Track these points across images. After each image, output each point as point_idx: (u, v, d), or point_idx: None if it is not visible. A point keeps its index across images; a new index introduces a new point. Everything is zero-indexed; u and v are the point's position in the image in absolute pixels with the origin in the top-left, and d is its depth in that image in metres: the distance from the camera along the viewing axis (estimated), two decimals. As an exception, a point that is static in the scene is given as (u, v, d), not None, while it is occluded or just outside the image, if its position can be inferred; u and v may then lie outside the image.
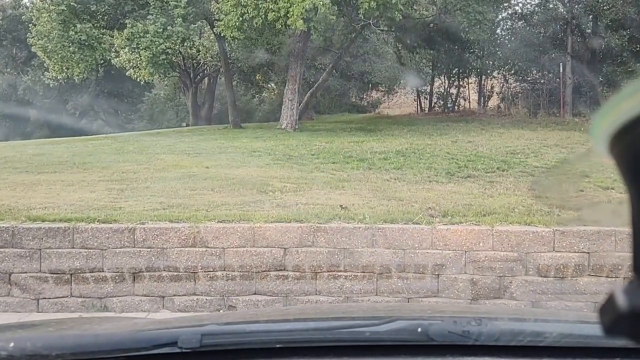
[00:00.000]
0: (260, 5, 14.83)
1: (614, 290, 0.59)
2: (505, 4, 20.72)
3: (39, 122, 30.21)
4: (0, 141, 19.44)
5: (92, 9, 18.00)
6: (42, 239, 6.06)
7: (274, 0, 14.81)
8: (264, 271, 6.08)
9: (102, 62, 20.35)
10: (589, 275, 6.02)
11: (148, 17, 16.73)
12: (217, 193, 7.87)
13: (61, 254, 6.04)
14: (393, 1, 14.89)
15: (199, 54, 23.62)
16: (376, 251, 6.08)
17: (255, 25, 15.57)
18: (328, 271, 6.08)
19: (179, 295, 6.10)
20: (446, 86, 25.24)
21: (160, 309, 6.08)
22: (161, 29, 16.37)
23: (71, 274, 6.04)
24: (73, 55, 18.06)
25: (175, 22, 16.61)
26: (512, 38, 23.24)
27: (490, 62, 23.12)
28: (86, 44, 17.77)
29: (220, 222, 6.29)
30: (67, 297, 6.05)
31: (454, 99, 25.11)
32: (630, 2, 19.40)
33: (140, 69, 18.87)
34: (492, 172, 9.84)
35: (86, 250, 6.05)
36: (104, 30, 18.35)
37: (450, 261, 6.05)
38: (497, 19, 21.40)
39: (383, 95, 30.60)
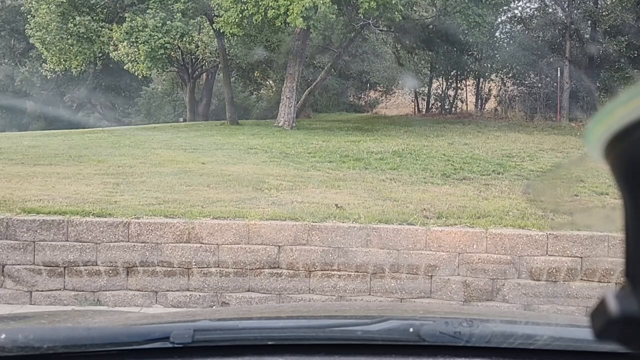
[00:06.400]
0: (260, 3, 14.81)
1: (606, 295, 0.60)
2: (505, 8, 20.75)
3: (35, 113, 30.10)
4: (-4, 132, 19.38)
5: (91, 2, 17.95)
6: (36, 231, 6.04)
7: (274, -2, 14.80)
8: (258, 268, 6.09)
9: (100, 55, 20.30)
10: (581, 279, 6.04)
11: (147, 11, 16.68)
12: (213, 189, 7.87)
13: (55, 246, 6.03)
14: (393, 2, 14.90)
15: (197, 50, 23.59)
16: (370, 251, 6.09)
17: (254, 22, 15.56)
18: (322, 270, 6.09)
19: (172, 291, 6.09)
20: (444, 88, 25.27)
21: (154, 303, 6.07)
22: (160, 24, 16.33)
23: (65, 267, 6.03)
24: (71, 47, 18.01)
25: (175, 17, 16.57)
26: (511, 41, 23.28)
27: (489, 65, 23.15)
28: (85, 36, 17.72)
29: (215, 218, 6.28)
30: (60, 290, 6.04)
31: (451, 101, 25.14)
32: (629, 8, 19.46)
33: (138, 63, 18.81)
34: (487, 174, 9.86)
35: (80, 244, 6.04)
36: (103, 23, 18.29)
37: (444, 262, 6.06)
38: (496, 22, 21.42)
39: (381, 95, 30.62)
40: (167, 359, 1.31)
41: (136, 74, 20.58)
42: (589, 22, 21.31)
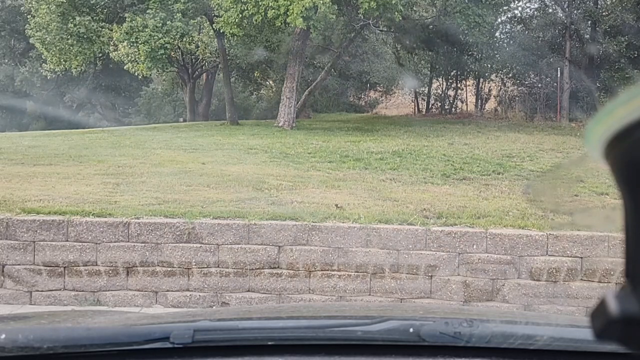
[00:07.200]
0: (260, 3, 14.82)
1: (606, 295, 0.60)
2: (505, 8, 20.75)
3: (35, 114, 30.10)
4: (-4, 132, 19.38)
5: (91, 2, 17.95)
6: (36, 231, 6.04)
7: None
8: (258, 268, 6.08)
9: (100, 55, 20.31)
10: (581, 279, 6.04)
11: (147, 11, 16.69)
12: (213, 189, 7.87)
13: (55, 246, 6.02)
14: (393, 2, 14.90)
15: (197, 50, 23.59)
16: (370, 251, 6.09)
17: (254, 23, 15.56)
18: (322, 270, 6.09)
19: (172, 291, 6.09)
20: (444, 88, 25.27)
21: (154, 304, 6.07)
22: (160, 24, 16.34)
23: (65, 267, 6.03)
24: (71, 47, 18.02)
25: (175, 17, 16.57)
26: (511, 42, 23.28)
27: (489, 65, 23.14)
28: (85, 37, 17.73)
29: (215, 218, 6.28)
30: (60, 290, 6.04)
31: (451, 101, 25.14)
32: (629, 8, 19.46)
33: (138, 63, 18.81)
34: (487, 175, 9.86)
35: (80, 244, 6.04)
36: (103, 23, 18.30)
37: (444, 262, 6.06)
38: (496, 22, 21.41)
39: (381, 95, 30.63)
40: (167, 359, 1.31)
41: (136, 74, 20.59)
42: (589, 22, 21.31)
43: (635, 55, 19.97)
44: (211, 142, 13.80)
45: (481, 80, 24.15)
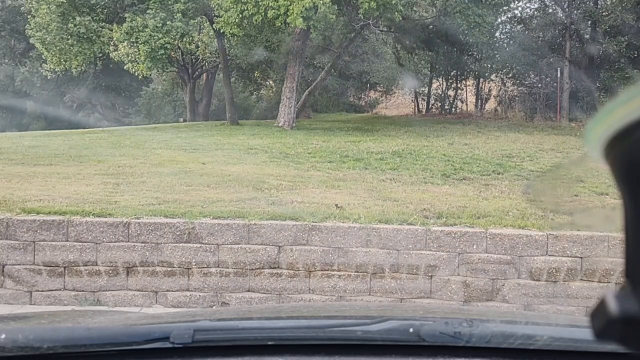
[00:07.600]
0: (260, 3, 14.82)
1: (606, 295, 0.60)
2: (505, 8, 20.75)
3: (35, 114, 30.10)
4: (-4, 132, 19.39)
5: (91, 2, 17.96)
6: (36, 231, 6.04)
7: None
8: (258, 268, 6.09)
9: (100, 55, 20.32)
10: (581, 279, 6.04)
11: (147, 11, 16.69)
12: (213, 189, 7.87)
13: (55, 246, 6.02)
14: (393, 2, 14.90)
15: (197, 50, 23.60)
16: (370, 251, 6.09)
17: (254, 23, 15.56)
18: (322, 270, 6.09)
19: (172, 291, 6.09)
20: (444, 88, 25.28)
21: (154, 304, 6.07)
22: (160, 24, 16.34)
23: (65, 267, 6.03)
24: (71, 48, 18.03)
25: (175, 17, 16.58)
26: (511, 42, 23.28)
27: (489, 65, 23.15)
28: (85, 37, 17.74)
29: (215, 218, 6.28)
30: (60, 290, 6.04)
31: (451, 101, 25.15)
32: (629, 8, 19.47)
33: (138, 63, 18.81)
34: (487, 175, 9.86)
35: (80, 244, 6.04)
36: (103, 23, 18.31)
37: (444, 262, 6.06)
38: (496, 22, 21.41)
39: (381, 95, 30.63)
40: (167, 359, 1.31)
41: (136, 74, 20.58)
42: (589, 22, 21.31)
43: (635, 55, 19.98)
44: (211, 142, 13.81)
45: (481, 80, 24.16)
